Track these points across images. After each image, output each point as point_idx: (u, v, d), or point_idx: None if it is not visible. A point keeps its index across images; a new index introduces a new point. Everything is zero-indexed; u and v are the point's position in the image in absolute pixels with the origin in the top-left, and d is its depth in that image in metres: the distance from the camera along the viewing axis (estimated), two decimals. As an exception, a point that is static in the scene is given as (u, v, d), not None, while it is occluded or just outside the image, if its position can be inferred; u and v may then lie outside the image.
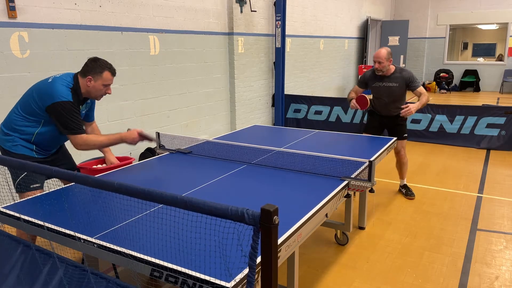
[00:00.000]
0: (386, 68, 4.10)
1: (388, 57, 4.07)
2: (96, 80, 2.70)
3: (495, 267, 3.07)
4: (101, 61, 2.73)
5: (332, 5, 9.89)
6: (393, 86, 4.16)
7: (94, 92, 2.75)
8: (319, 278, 2.96)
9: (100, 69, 2.70)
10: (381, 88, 4.21)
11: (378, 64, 4.07)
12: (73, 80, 2.70)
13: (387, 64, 4.08)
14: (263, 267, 1.27)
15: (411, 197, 4.43)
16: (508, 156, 6.09)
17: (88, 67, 2.70)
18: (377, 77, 4.22)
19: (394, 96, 4.20)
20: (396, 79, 4.14)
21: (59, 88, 2.61)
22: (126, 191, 1.44)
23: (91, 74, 2.68)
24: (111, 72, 2.75)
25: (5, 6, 3.68)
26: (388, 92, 4.19)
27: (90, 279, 1.67)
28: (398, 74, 4.15)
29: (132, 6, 4.87)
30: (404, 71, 4.18)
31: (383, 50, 4.08)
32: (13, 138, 2.68)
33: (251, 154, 3.25)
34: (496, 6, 12.86)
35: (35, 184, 2.65)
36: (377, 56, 4.08)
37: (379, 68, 4.09)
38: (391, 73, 4.16)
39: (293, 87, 8.60)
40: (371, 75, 4.29)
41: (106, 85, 2.75)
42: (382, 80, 4.19)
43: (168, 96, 5.56)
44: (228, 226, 1.55)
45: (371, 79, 4.27)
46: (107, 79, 2.73)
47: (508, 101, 11.10)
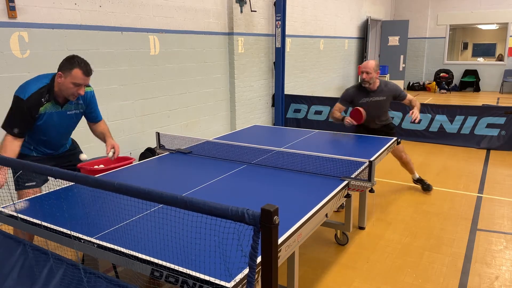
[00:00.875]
0: (373, 80, 4.07)
1: (376, 68, 4.07)
2: (66, 76, 2.56)
3: (495, 267, 3.07)
4: (76, 58, 2.59)
5: (332, 5, 9.89)
6: (381, 100, 4.18)
7: (65, 90, 2.60)
8: (319, 278, 2.96)
9: (71, 66, 2.55)
10: (369, 103, 4.18)
11: (366, 74, 4.03)
12: (50, 79, 2.64)
13: (375, 76, 4.07)
14: (263, 267, 1.27)
15: (428, 191, 4.57)
16: (508, 156, 6.09)
17: (61, 63, 2.60)
18: (363, 93, 4.18)
19: (382, 110, 4.25)
20: (383, 93, 4.17)
21: (26, 85, 2.59)
22: (126, 191, 1.44)
23: (62, 70, 2.57)
24: (83, 71, 2.57)
25: (5, 6, 3.68)
26: (377, 107, 4.19)
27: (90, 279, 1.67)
28: (384, 88, 4.18)
29: (132, 6, 4.87)
30: (388, 84, 4.24)
31: (371, 62, 4.10)
32: None
33: (251, 154, 3.25)
34: (496, 6, 12.86)
35: (30, 182, 2.64)
36: (365, 66, 4.06)
37: (367, 79, 4.05)
38: (377, 86, 4.15)
39: (293, 87, 8.60)
40: (355, 91, 4.22)
41: (76, 83, 2.58)
42: (368, 95, 4.17)
43: (168, 96, 5.56)
44: (228, 226, 1.55)
45: (357, 96, 4.20)
46: (77, 77, 2.56)
47: (508, 101, 11.10)
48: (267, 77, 7.61)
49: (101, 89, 4.60)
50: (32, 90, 2.57)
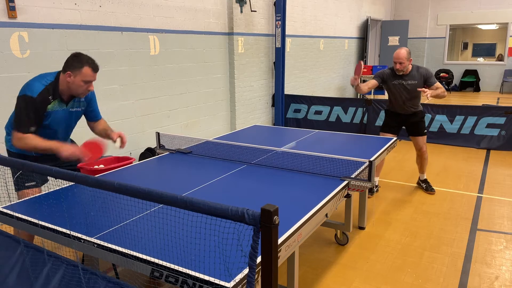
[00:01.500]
0: (406, 68, 4.19)
1: (408, 57, 4.15)
2: (76, 75, 2.58)
3: (495, 267, 3.07)
4: (82, 56, 2.62)
5: (332, 5, 9.89)
6: (412, 84, 4.25)
7: (75, 89, 2.62)
8: (319, 278, 2.96)
9: (80, 64, 2.57)
10: (401, 86, 4.29)
11: (399, 65, 4.14)
12: (55, 77, 2.64)
13: (408, 64, 4.16)
14: (263, 267, 1.27)
15: (431, 192, 4.54)
16: (508, 156, 6.09)
17: (68, 62, 2.61)
18: (396, 76, 4.30)
19: (413, 93, 4.30)
20: (415, 77, 4.24)
21: (32, 83, 2.58)
22: (126, 191, 1.44)
23: (71, 69, 2.58)
24: (92, 68, 2.61)
25: (5, 6, 3.68)
26: (408, 90, 4.28)
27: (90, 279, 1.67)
28: (415, 72, 4.25)
29: (132, 6, 4.87)
30: (420, 68, 4.29)
31: (403, 51, 4.13)
32: (11, 137, 2.68)
33: (251, 154, 3.25)
34: (496, 6, 12.86)
35: (30, 182, 2.64)
36: (397, 57, 4.13)
37: (400, 69, 4.16)
38: (409, 71, 4.25)
39: (293, 87, 8.60)
40: (390, 74, 4.35)
41: (87, 81, 2.62)
42: (401, 78, 4.27)
43: (168, 96, 5.56)
44: (228, 226, 1.55)
45: (390, 77, 4.33)
46: (87, 75, 2.59)
47: (508, 101, 11.10)
48: (267, 77, 7.61)
49: (101, 89, 4.60)
50: (40, 88, 2.56)
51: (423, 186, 4.67)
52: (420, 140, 4.47)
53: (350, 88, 11.57)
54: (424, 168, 4.66)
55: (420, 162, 4.65)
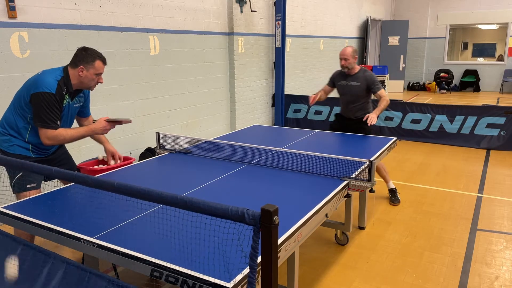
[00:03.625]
0: (351, 65, 4.23)
1: (353, 55, 4.22)
2: (88, 69, 2.66)
3: (495, 267, 3.07)
4: (91, 50, 2.70)
5: (332, 5, 9.89)
6: (355, 85, 4.27)
7: (87, 82, 2.71)
8: (319, 278, 2.96)
9: (92, 58, 2.66)
10: (345, 87, 4.35)
11: (344, 61, 4.22)
12: (63, 72, 2.67)
13: (353, 62, 4.23)
14: (263, 267, 1.27)
15: (394, 203, 4.26)
16: (508, 156, 6.09)
17: (78, 57, 2.66)
18: (342, 76, 4.38)
19: (355, 96, 4.28)
20: (358, 79, 4.26)
21: (45, 79, 2.58)
22: (126, 191, 1.44)
23: (83, 63, 2.65)
24: (102, 61, 2.73)
25: (5, 6, 3.68)
26: (350, 91, 4.30)
27: (90, 279, 1.67)
28: (361, 74, 4.27)
29: (132, 6, 4.87)
30: (367, 72, 4.30)
31: (349, 48, 4.24)
32: (9, 138, 2.66)
33: (251, 154, 3.25)
34: (496, 6, 12.86)
35: (31, 184, 2.64)
36: (343, 53, 4.22)
37: (345, 65, 4.23)
38: (355, 72, 4.29)
39: (293, 87, 8.60)
40: (338, 74, 4.45)
41: (98, 74, 2.72)
42: (346, 78, 4.34)
43: (168, 96, 5.56)
44: (228, 226, 1.55)
45: (337, 78, 4.44)
46: (99, 67, 2.70)
47: (508, 101, 11.11)
48: (267, 77, 7.61)
49: (101, 89, 4.60)
50: (55, 83, 2.59)
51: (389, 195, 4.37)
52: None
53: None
54: (386, 177, 4.35)
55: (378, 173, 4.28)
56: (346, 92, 4.35)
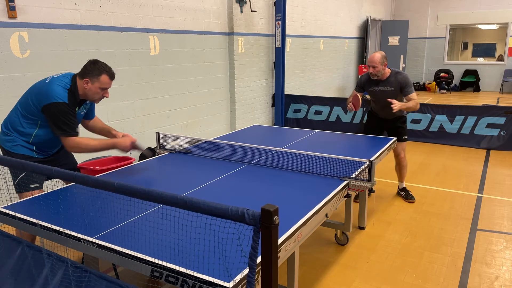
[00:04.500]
0: (381, 72, 4.02)
1: (383, 61, 3.99)
2: (93, 82, 2.67)
3: (495, 267, 3.07)
4: (100, 64, 2.70)
5: (332, 5, 9.89)
6: (388, 91, 4.08)
7: (91, 95, 2.72)
8: (319, 278, 2.96)
9: (98, 72, 2.67)
10: (376, 93, 4.16)
11: (373, 68, 4.00)
12: (71, 81, 2.69)
13: (382, 69, 4.00)
14: (263, 267, 1.27)
15: (411, 200, 4.35)
16: (508, 156, 6.09)
17: (86, 69, 2.68)
18: (372, 81, 4.16)
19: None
20: (391, 84, 4.07)
21: (56, 89, 2.60)
22: (126, 191, 1.44)
23: (89, 76, 2.66)
24: (109, 76, 2.71)
25: (5, 6, 3.68)
26: (384, 96, 4.09)
27: (90, 279, 1.67)
28: (393, 78, 4.07)
29: (132, 6, 4.87)
30: (399, 74, 4.09)
31: (377, 54, 3.99)
32: (13, 138, 2.68)
33: (251, 154, 3.25)
34: (496, 6, 12.86)
35: (34, 184, 2.65)
36: (371, 60, 4.01)
37: (374, 73, 4.02)
38: (386, 77, 4.09)
39: (293, 87, 8.60)
40: (366, 79, 4.23)
41: (103, 88, 2.72)
42: (377, 84, 4.13)
43: (168, 96, 5.56)
44: (228, 226, 1.55)
45: (367, 83, 4.22)
46: (105, 82, 2.70)
47: (508, 101, 11.10)
48: (267, 77, 7.61)
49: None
50: (65, 93, 2.63)
51: (402, 194, 4.45)
52: (398, 146, 4.21)
53: (350, 88, 11.57)
54: (403, 177, 4.45)
55: (398, 170, 4.44)
56: (379, 98, 4.16)
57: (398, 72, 4.13)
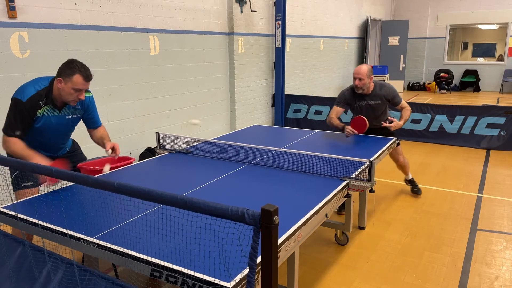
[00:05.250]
0: (366, 85, 3.95)
1: (369, 74, 3.92)
2: (66, 82, 2.55)
3: (495, 267, 3.07)
4: (76, 63, 2.57)
5: (332, 5, 9.89)
6: (375, 104, 4.06)
7: (65, 96, 2.59)
8: (319, 278, 2.96)
9: (71, 71, 2.54)
10: (363, 107, 4.09)
11: (359, 80, 3.91)
12: (49, 82, 2.62)
13: (368, 82, 3.94)
14: (263, 267, 1.27)
15: (417, 195, 4.43)
16: (508, 156, 6.09)
17: (61, 68, 2.58)
18: (358, 96, 4.07)
19: (377, 113, 4.12)
20: (377, 97, 4.04)
21: (25, 87, 2.58)
22: (126, 191, 1.44)
23: (62, 76, 2.55)
24: (83, 77, 2.56)
25: (5, 6, 3.68)
26: (371, 110, 4.08)
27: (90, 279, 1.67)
28: (378, 92, 4.03)
29: (132, 6, 4.87)
30: (384, 87, 4.06)
31: (364, 67, 3.92)
32: None
33: (251, 154, 3.25)
34: (496, 6, 12.86)
35: (26, 182, 2.63)
36: (357, 72, 3.90)
37: (359, 86, 3.93)
38: (371, 90, 4.03)
39: (293, 87, 8.60)
40: (350, 95, 4.11)
41: (77, 89, 2.57)
42: (363, 98, 4.07)
43: (168, 96, 5.56)
44: (228, 226, 1.55)
45: (353, 99, 4.11)
46: (77, 83, 2.55)
47: (508, 101, 11.10)
48: (267, 77, 7.61)
49: (100, 89, 4.60)
50: (31, 92, 2.56)
51: (409, 185, 4.58)
52: (393, 152, 4.16)
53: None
54: (407, 171, 4.46)
55: (401, 169, 4.46)
56: (368, 112, 4.08)
57: (382, 84, 4.11)
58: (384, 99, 4.06)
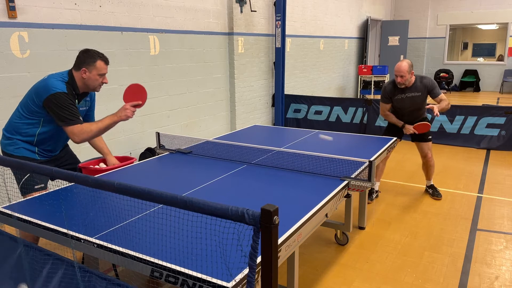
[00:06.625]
0: (408, 81, 4.05)
1: (410, 69, 4.01)
2: (91, 70, 2.67)
3: (495, 267, 3.07)
4: (92, 51, 2.70)
5: (332, 5, 9.89)
6: (416, 96, 4.13)
7: (92, 83, 2.72)
8: (319, 278, 2.96)
9: (93, 59, 2.67)
10: (404, 100, 4.17)
11: (401, 78, 4.00)
12: (68, 75, 2.69)
13: (409, 77, 4.03)
14: (263, 267, 1.27)
15: (438, 197, 4.41)
16: (508, 156, 6.09)
17: (80, 59, 2.68)
18: (399, 89, 4.17)
19: (418, 105, 4.20)
20: (418, 89, 4.11)
21: (53, 82, 2.61)
22: (126, 191, 1.44)
23: (85, 65, 2.66)
24: (104, 61, 2.73)
25: (5, 6, 3.68)
26: (412, 102, 4.17)
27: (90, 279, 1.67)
28: (419, 83, 4.12)
29: (132, 6, 4.87)
30: (424, 79, 4.15)
31: (404, 63, 3.99)
32: (15, 141, 2.68)
33: (251, 154, 3.25)
34: (496, 6, 12.86)
35: (40, 184, 2.65)
36: (398, 70, 4.00)
37: (402, 82, 4.03)
38: (412, 83, 4.11)
39: (293, 87, 8.60)
40: (391, 89, 4.21)
41: (101, 74, 2.72)
42: (404, 91, 4.15)
43: (168, 96, 5.56)
44: (228, 226, 1.55)
45: (393, 92, 4.20)
46: (101, 68, 2.70)
47: (508, 101, 11.11)
48: (267, 77, 7.61)
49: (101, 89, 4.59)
50: (63, 85, 2.62)
51: (429, 191, 4.54)
52: (424, 146, 4.31)
53: (350, 88, 11.58)
54: (431, 175, 4.51)
55: (425, 169, 4.50)
56: (408, 105, 4.18)
57: (423, 76, 4.18)
58: (424, 90, 4.12)
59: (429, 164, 4.44)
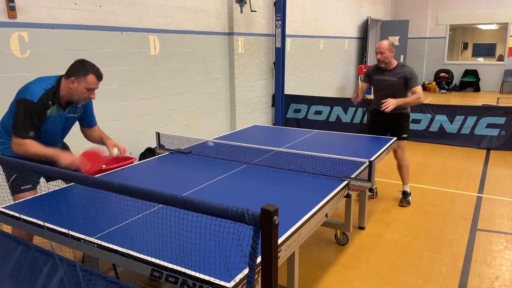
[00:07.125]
0: (388, 59, 4.03)
1: (390, 48, 4.03)
2: (79, 82, 2.57)
3: (495, 267, 3.07)
4: (87, 63, 2.62)
5: (332, 5, 9.89)
6: (392, 80, 4.08)
7: (77, 95, 2.61)
8: (319, 278, 2.96)
9: (85, 71, 2.57)
10: (381, 82, 4.15)
11: (380, 54, 4.03)
12: (56, 82, 2.62)
13: (389, 55, 4.03)
14: (263, 267, 1.27)
15: (403, 204, 4.25)
16: (508, 156, 6.09)
17: (73, 68, 2.60)
18: (379, 70, 4.18)
19: (393, 92, 4.06)
20: (396, 74, 4.08)
21: (32, 87, 2.56)
22: (126, 191, 1.44)
23: (75, 76, 2.57)
24: (96, 76, 2.62)
25: (5, 6, 3.68)
26: (387, 86, 4.10)
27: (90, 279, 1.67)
28: (399, 70, 4.09)
29: (132, 6, 4.87)
30: (405, 67, 4.10)
31: (385, 41, 4.07)
32: (4, 140, 2.65)
33: (251, 154, 3.25)
34: (496, 6, 12.85)
35: (26, 185, 2.61)
36: (379, 47, 4.05)
37: (381, 59, 4.04)
38: (392, 67, 4.10)
39: (293, 87, 8.60)
40: (373, 69, 4.26)
41: (90, 88, 2.61)
42: (383, 73, 4.15)
43: (168, 96, 5.56)
44: (228, 226, 1.55)
45: (373, 73, 4.24)
46: (92, 82, 2.60)
47: (508, 101, 11.10)
48: (267, 77, 7.61)
49: (100, 89, 4.58)
50: (40, 92, 2.55)
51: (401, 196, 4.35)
52: (398, 145, 4.13)
53: (350, 88, 11.57)
54: (404, 179, 4.32)
55: (399, 171, 4.33)
56: (382, 88, 4.15)
57: (405, 65, 4.15)
58: (401, 78, 4.05)
59: (400, 163, 4.28)
